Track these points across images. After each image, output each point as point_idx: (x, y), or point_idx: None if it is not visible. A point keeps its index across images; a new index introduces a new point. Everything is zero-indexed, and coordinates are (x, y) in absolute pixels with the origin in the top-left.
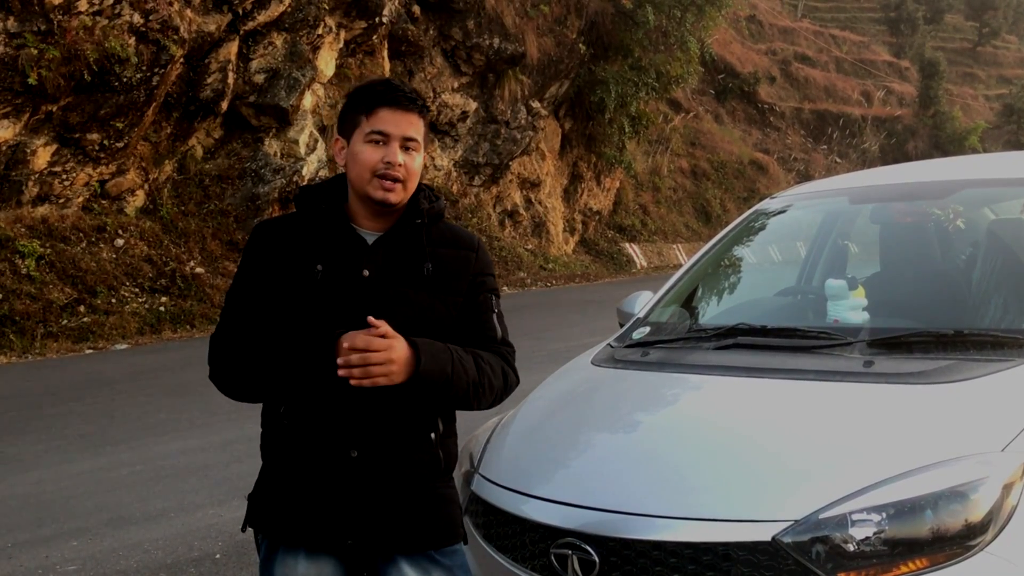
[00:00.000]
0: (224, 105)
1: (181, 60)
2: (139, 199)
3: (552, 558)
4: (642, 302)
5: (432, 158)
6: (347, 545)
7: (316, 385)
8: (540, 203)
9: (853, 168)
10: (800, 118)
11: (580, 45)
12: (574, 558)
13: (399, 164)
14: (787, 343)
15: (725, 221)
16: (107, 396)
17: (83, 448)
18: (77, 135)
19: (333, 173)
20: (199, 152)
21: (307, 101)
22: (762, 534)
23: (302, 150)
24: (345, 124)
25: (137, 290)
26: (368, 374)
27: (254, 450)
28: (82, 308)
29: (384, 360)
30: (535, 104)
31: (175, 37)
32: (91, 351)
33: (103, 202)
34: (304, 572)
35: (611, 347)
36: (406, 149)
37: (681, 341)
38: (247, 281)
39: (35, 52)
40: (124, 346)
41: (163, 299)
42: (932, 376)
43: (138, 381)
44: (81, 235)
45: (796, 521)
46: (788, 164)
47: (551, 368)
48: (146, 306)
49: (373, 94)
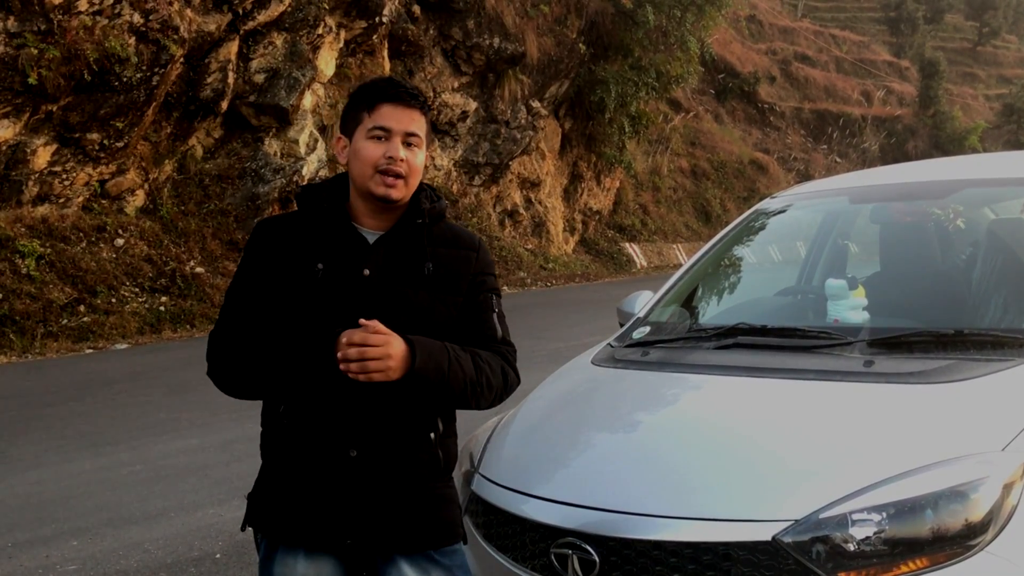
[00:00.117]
0: (224, 105)
1: (181, 60)
2: (139, 199)
3: (552, 558)
4: (642, 302)
5: (432, 158)
6: (346, 545)
7: (316, 384)
8: (540, 203)
9: (853, 168)
10: (800, 118)
11: (580, 45)
12: (574, 558)
13: (401, 159)
14: (787, 343)
15: (725, 221)
16: (107, 396)
17: (83, 448)
18: (77, 135)
19: (333, 173)
20: (199, 152)
21: (307, 101)
22: (762, 534)
23: (302, 150)
24: (347, 122)
25: (137, 290)
26: (365, 368)
27: (254, 449)
28: (82, 308)
29: (381, 355)
30: (535, 104)
31: (175, 37)
32: (91, 351)
33: (103, 202)
34: (303, 572)
35: (611, 347)
36: (408, 145)
37: (681, 341)
38: (248, 279)
39: (35, 52)
40: (124, 346)
41: (163, 299)
42: (932, 376)
43: (138, 381)
44: (81, 235)
45: (796, 521)
46: (788, 164)
47: (551, 368)
48: (146, 306)
49: (375, 91)
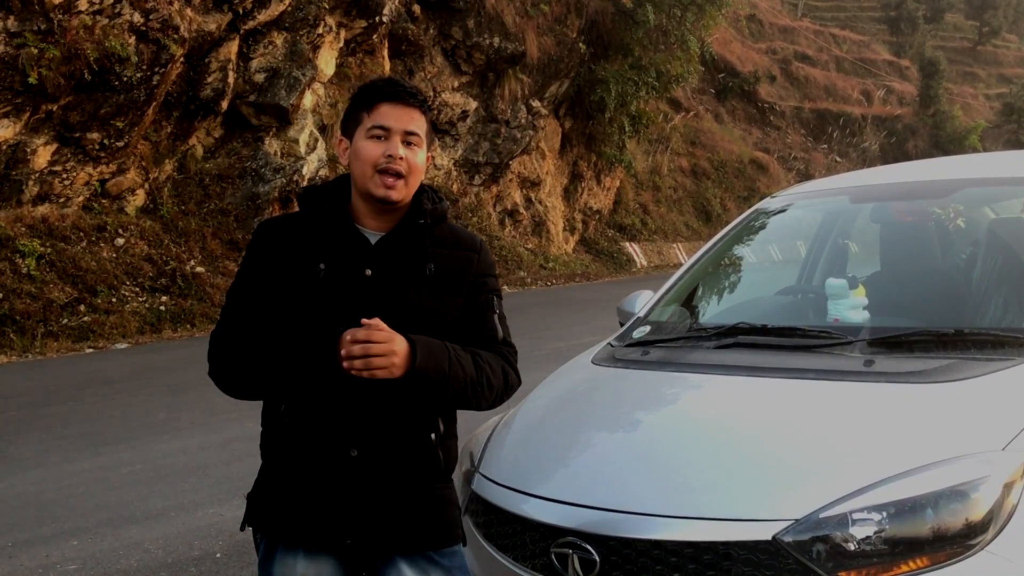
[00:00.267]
0: (224, 104)
1: (181, 59)
2: (139, 198)
3: (553, 557)
4: (642, 301)
5: (432, 157)
6: (346, 545)
7: (317, 383)
8: (540, 202)
9: (853, 167)
10: (800, 117)
11: (580, 44)
12: (575, 557)
13: (400, 157)
14: (787, 342)
15: (725, 220)
16: (107, 395)
17: (83, 447)
18: (77, 134)
19: (333, 172)
20: (199, 151)
21: (307, 100)
22: (762, 533)
23: (302, 149)
24: (348, 123)
25: (137, 289)
26: (369, 365)
27: (254, 449)
28: (82, 307)
29: (386, 352)
30: (535, 103)
31: (175, 36)
32: (91, 350)
33: (103, 201)
34: (303, 572)
35: (611, 346)
36: (408, 144)
37: (681, 340)
38: (249, 279)
39: (35, 51)
40: (124, 345)
41: (163, 298)
42: (932, 375)
43: (138, 380)
44: (81, 234)
45: (796, 520)
46: (788, 163)
47: (551, 367)
48: (146, 305)
49: (374, 90)
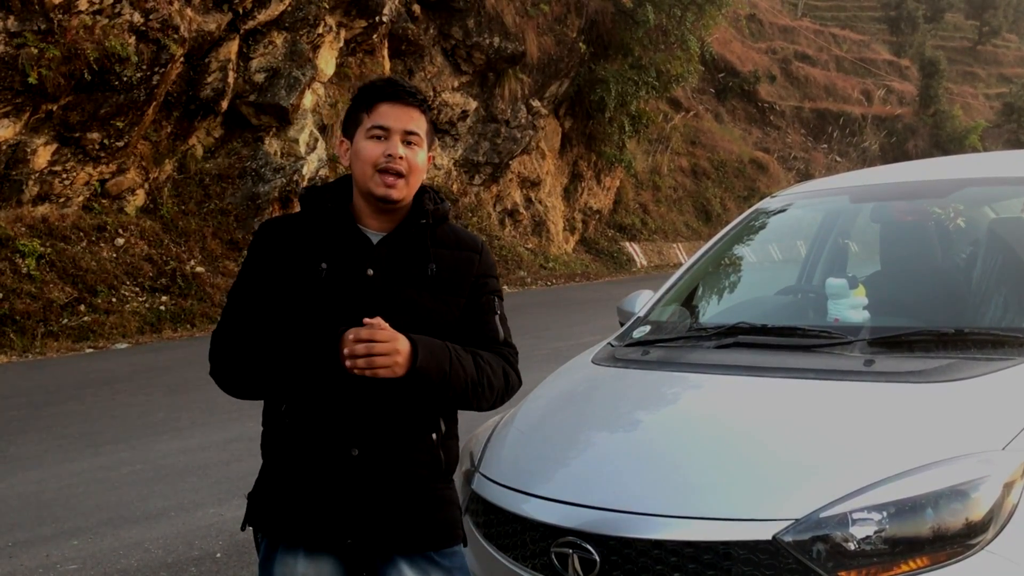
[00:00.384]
0: (224, 104)
1: (181, 59)
2: (139, 198)
3: (553, 557)
4: (642, 301)
5: (432, 157)
6: (346, 545)
7: (318, 383)
8: (540, 202)
9: (853, 167)
10: (800, 117)
11: (580, 44)
12: (575, 557)
13: (400, 157)
14: (787, 342)
15: (725, 220)
16: (107, 395)
17: (83, 447)
18: (77, 134)
19: (333, 172)
20: (199, 151)
21: (307, 100)
22: (763, 533)
23: (302, 149)
24: (348, 124)
25: (137, 289)
26: (372, 364)
27: (254, 449)
28: (82, 307)
29: (389, 351)
30: (535, 103)
31: (175, 36)
32: (91, 350)
33: (103, 201)
34: (303, 571)
35: (611, 346)
36: (408, 144)
37: (681, 340)
38: (251, 278)
39: (35, 51)
40: (124, 345)
41: (163, 298)
42: (932, 375)
43: (138, 380)
44: (81, 234)
45: (797, 520)
46: (788, 163)
47: (551, 367)
48: (146, 305)
49: (373, 91)
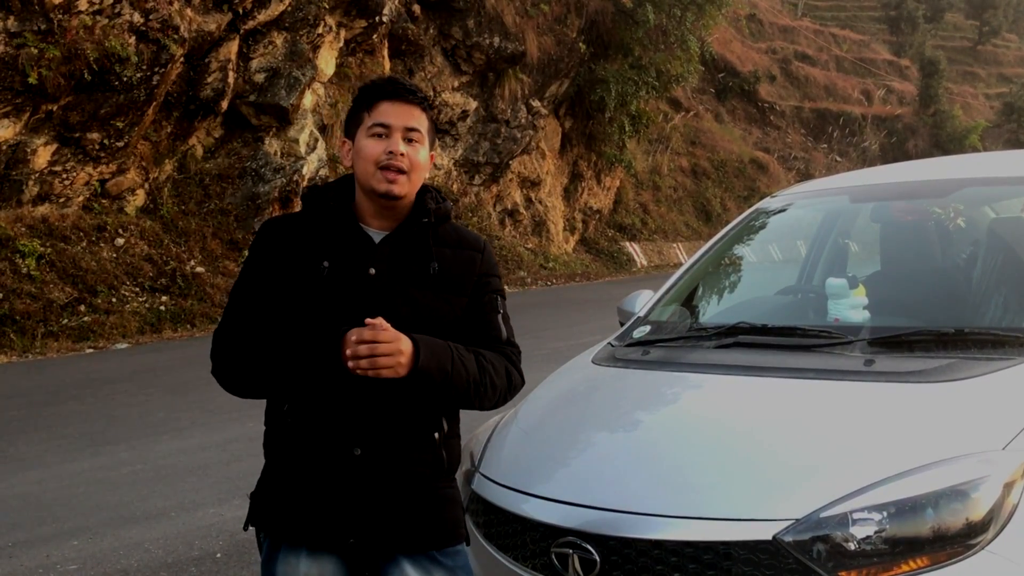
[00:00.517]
0: (224, 104)
1: (181, 59)
2: (139, 198)
3: (553, 557)
4: (642, 301)
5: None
6: (349, 544)
7: (321, 382)
8: (540, 202)
9: (853, 167)
10: (800, 117)
11: (580, 44)
12: (575, 557)
13: (401, 154)
14: (788, 342)
15: (725, 220)
16: (107, 395)
17: (83, 447)
18: (77, 134)
19: (333, 172)
20: (199, 151)
21: (307, 100)
22: (763, 533)
23: (302, 149)
24: (350, 124)
25: (137, 289)
26: (375, 365)
27: (254, 449)
28: (82, 307)
29: (392, 351)
30: (535, 103)
31: (175, 36)
32: (91, 350)
33: (103, 201)
34: (306, 571)
35: (611, 346)
36: (409, 141)
37: (681, 340)
38: (253, 277)
39: (35, 51)
40: (124, 345)
41: (163, 298)
42: (933, 375)
43: (138, 380)
44: (81, 234)
45: (797, 520)
46: (788, 163)
47: (551, 367)
48: (146, 305)
49: (374, 89)
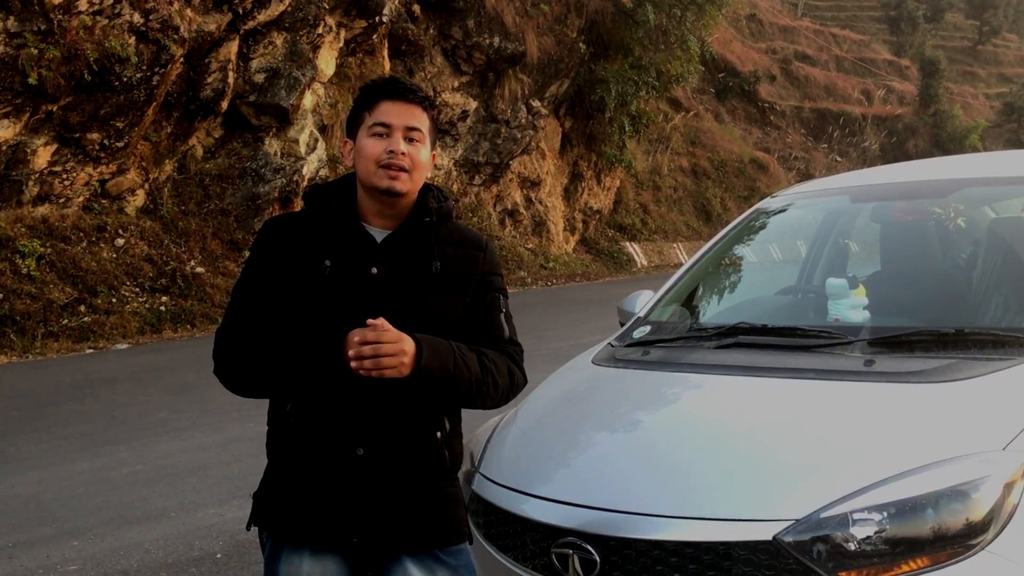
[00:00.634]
0: (224, 104)
1: (181, 59)
2: (139, 199)
3: (553, 557)
4: (643, 301)
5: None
6: (352, 544)
7: (323, 381)
8: (540, 202)
9: (854, 167)
10: (800, 117)
11: (580, 44)
12: (575, 557)
13: (402, 152)
14: (788, 342)
15: (726, 220)
16: (107, 396)
17: (84, 448)
18: (77, 135)
19: (333, 173)
20: (199, 152)
21: (307, 100)
22: (763, 533)
23: (302, 149)
24: (351, 124)
25: (137, 290)
26: (379, 365)
27: (254, 449)
28: (82, 308)
29: (396, 351)
30: (535, 103)
31: (175, 37)
32: (91, 351)
33: (103, 202)
34: (309, 571)
35: (612, 346)
36: (410, 140)
37: (682, 340)
38: (255, 276)
39: (35, 52)
40: (124, 346)
41: (163, 299)
42: (933, 375)
43: (138, 381)
44: (81, 235)
45: (797, 520)
46: (788, 163)
47: (551, 367)
48: (146, 306)
49: (375, 89)
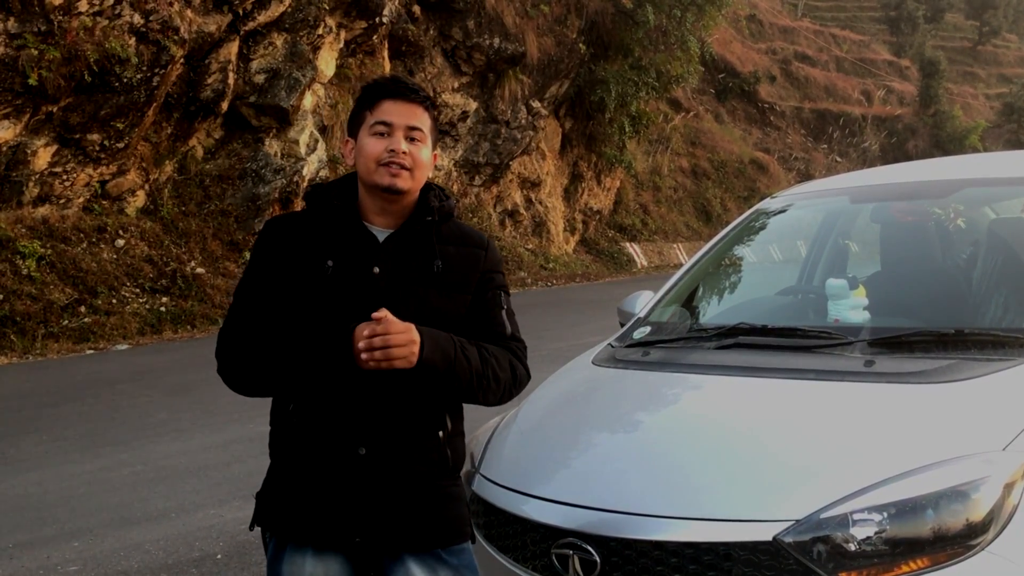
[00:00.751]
0: (224, 105)
1: (181, 60)
2: (139, 199)
3: (553, 558)
4: (643, 302)
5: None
6: (355, 543)
7: (326, 381)
8: (540, 203)
9: (853, 167)
10: (800, 117)
11: (580, 45)
12: (575, 558)
13: (403, 152)
14: (788, 343)
15: (726, 220)
16: (108, 396)
17: (84, 448)
18: (77, 135)
19: (333, 173)
20: (199, 152)
21: (307, 101)
22: (763, 534)
23: (302, 150)
24: (353, 123)
25: (138, 290)
26: (389, 356)
27: (255, 450)
28: (83, 308)
29: (405, 342)
30: (535, 104)
31: (175, 37)
32: (92, 351)
33: (104, 202)
34: (311, 570)
35: (612, 347)
36: (411, 140)
37: (682, 341)
38: (257, 276)
39: (35, 53)
40: (125, 346)
41: (164, 299)
42: (933, 375)
43: (139, 381)
44: (82, 235)
45: (797, 521)
46: (788, 163)
47: (551, 367)
48: (147, 306)
49: (376, 88)
